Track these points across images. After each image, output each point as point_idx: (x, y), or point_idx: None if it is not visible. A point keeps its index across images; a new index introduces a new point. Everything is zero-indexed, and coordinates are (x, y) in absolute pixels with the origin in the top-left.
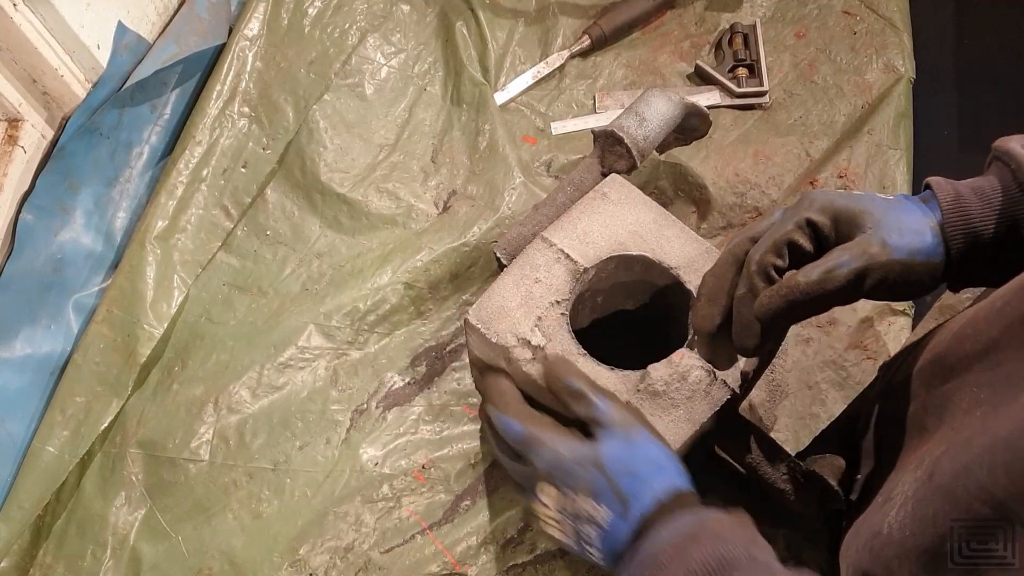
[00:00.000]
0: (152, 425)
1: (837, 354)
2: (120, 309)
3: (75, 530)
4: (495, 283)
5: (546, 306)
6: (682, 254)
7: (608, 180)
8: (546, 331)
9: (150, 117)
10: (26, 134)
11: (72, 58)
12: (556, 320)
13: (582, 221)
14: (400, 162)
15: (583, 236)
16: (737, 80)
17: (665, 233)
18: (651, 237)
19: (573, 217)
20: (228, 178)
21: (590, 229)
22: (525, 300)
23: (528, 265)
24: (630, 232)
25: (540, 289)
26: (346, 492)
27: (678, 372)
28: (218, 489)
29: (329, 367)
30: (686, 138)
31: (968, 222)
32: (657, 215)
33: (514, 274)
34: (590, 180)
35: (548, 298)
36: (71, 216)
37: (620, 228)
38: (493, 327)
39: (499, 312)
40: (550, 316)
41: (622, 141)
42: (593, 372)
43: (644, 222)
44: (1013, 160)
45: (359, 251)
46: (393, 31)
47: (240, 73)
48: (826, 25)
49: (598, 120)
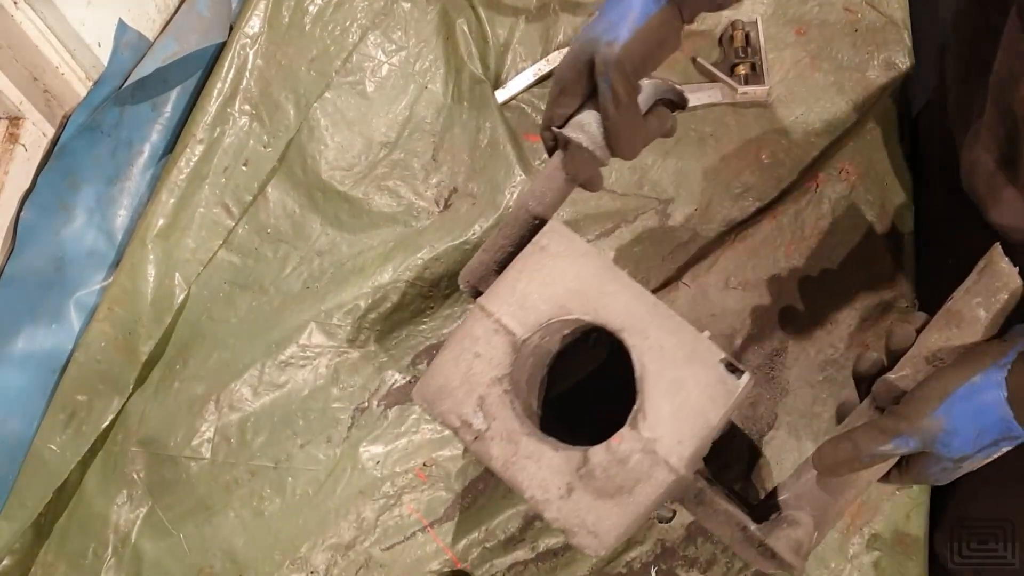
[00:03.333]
0: (154, 423)
1: (839, 353)
2: (121, 307)
3: (77, 528)
4: (436, 359)
5: (487, 383)
6: (626, 313)
7: (547, 230)
8: (489, 411)
9: (151, 115)
10: (27, 132)
11: (73, 56)
12: (499, 398)
13: (520, 282)
14: (401, 160)
15: (521, 300)
16: (738, 78)
17: (608, 289)
18: (593, 295)
19: (511, 278)
20: (229, 176)
21: (529, 291)
22: (466, 378)
23: (467, 338)
24: (571, 291)
25: (480, 365)
26: (347, 490)
27: (616, 458)
28: (219, 487)
29: (330, 365)
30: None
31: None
32: (599, 268)
33: (453, 349)
34: (554, 191)
35: (489, 374)
36: (72, 214)
37: (560, 287)
38: (436, 408)
39: (441, 392)
40: (493, 394)
41: (581, 144)
42: (536, 451)
43: (585, 277)
44: None
45: (360, 249)
46: (394, 28)
47: (241, 71)
48: (827, 22)
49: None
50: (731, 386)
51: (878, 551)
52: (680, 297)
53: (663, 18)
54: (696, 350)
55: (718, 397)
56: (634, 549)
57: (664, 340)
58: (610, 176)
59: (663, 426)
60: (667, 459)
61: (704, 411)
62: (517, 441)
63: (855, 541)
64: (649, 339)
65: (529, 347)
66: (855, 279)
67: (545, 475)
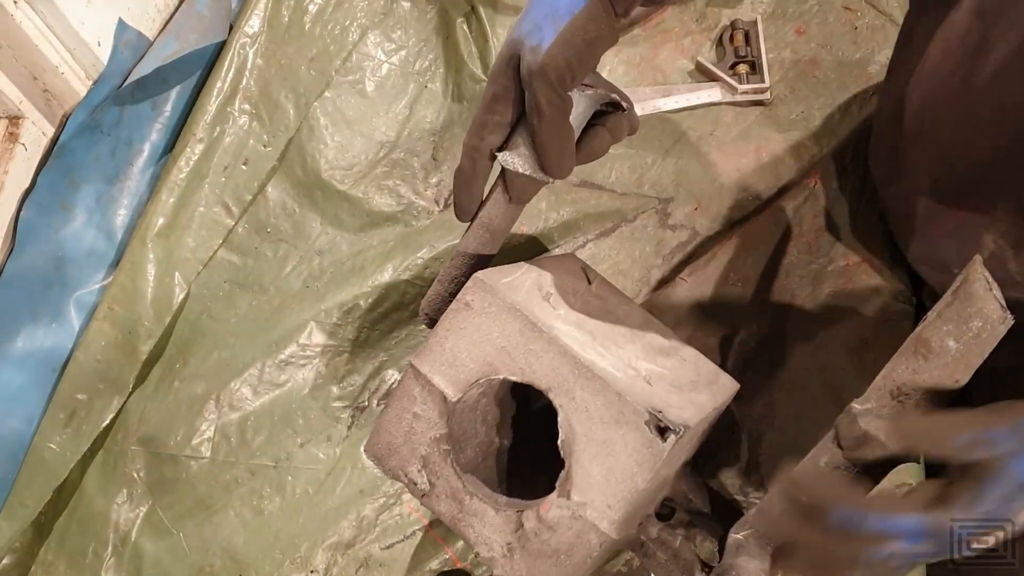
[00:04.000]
0: (153, 422)
1: (838, 350)
2: (121, 306)
3: (77, 527)
4: (381, 416)
5: (428, 442)
6: (552, 372)
7: (470, 285)
8: (432, 469)
9: (151, 114)
10: (27, 131)
11: (73, 55)
12: (440, 456)
13: (449, 341)
14: (401, 159)
15: (451, 359)
16: (738, 77)
17: (532, 347)
18: (519, 353)
19: (440, 337)
20: (229, 175)
21: (457, 349)
22: (408, 436)
23: (406, 397)
24: (498, 348)
25: (420, 424)
26: (348, 489)
27: (545, 524)
28: (219, 486)
29: (330, 364)
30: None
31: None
32: (522, 326)
33: (395, 407)
34: (500, 216)
35: (428, 433)
36: (72, 214)
37: (487, 345)
38: (385, 465)
39: (388, 449)
40: (434, 453)
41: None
42: (480, 510)
43: (510, 334)
44: None
45: (360, 248)
46: (394, 28)
47: (241, 70)
48: (827, 21)
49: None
50: (657, 449)
51: None
52: (680, 294)
53: (591, 13)
54: (622, 412)
55: (644, 461)
56: None
57: (589, 401)
58: (610, 175)
59: (593, 490)
60: (597, 524)
61: (632, 475)
62: (461, 500)
63: None
64: (575, 400)
65: (469, 401)
66: (855, 277)
67: (489, 534)
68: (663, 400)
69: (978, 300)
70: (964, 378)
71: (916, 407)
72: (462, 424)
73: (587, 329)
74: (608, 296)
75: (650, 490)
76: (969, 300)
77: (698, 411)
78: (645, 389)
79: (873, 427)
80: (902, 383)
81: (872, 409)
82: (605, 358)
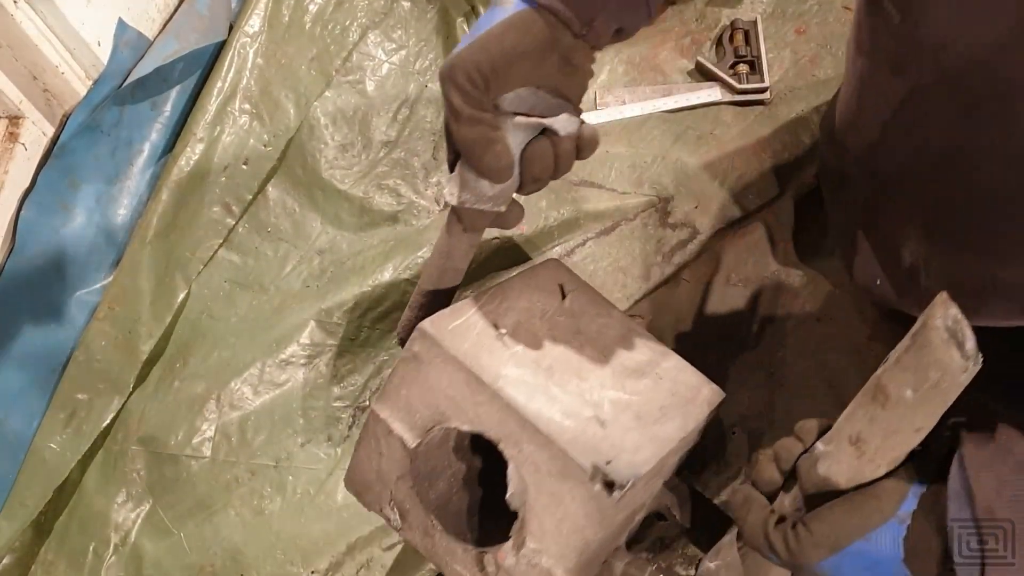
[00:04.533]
0: (154, 422)
1: (839, 350)
2: (121, 306)
3: (77, 527)
4: (354, 452)
5: (395, 481)
6: (500, 425)
7: (416, 335)
8: (402, 506)
9: (151, 114)
10: (27, 131)
11: (73, 55)
12: (407, 494)
13: (403, 388)
14: (401, 159)
15: (406, 406)
16: (738, 76)
17: (479, 399)
18: (467, 405)
19: (396, 383)
20: (229, 175)
21: (411, 396)
22: (378, 475)
23: (372, 438)
24: (447, 398)
25: (386, 463)
26: None
27: (504, 570)
28: (220, 486)
29: (330, 364)
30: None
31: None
32: (466, 377)
33: (364, 446)
34: (456, 244)
35: (394, 472)
36: (72, 213)
37: (438, 393)
38: (363, 499)
39: (363, 486)
40: (401, 490)
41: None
42: (449, 549)
43: (457, 386)
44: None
45: (360, 248)
46: (394, 28)
47: (241, 70)
48: (826, 21)
49: (598, 116)
50: (604, 504)
51: None
52: (680, 294)
53: (513, 23)
54: (566, 467)
55: (592, 514)
56: (632, 548)
57: (536, 454)
58: (610, 174)
59: (547, 538)
60: (552, 571)
61: (581, 528)
62: (432, 536)
63: None
64: (523, 452)
65: (435, 439)
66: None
67: (460, 569)
68: (616, 444)
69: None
70: (927, 425)
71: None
72: (430, 460)
73: (544, 365)
74: (584, 310)
75: (606, 536)
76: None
77: (659, 447)
78: (596, 435)
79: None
80: (859, 430)
81: (831, 452)
82: (557, 401)
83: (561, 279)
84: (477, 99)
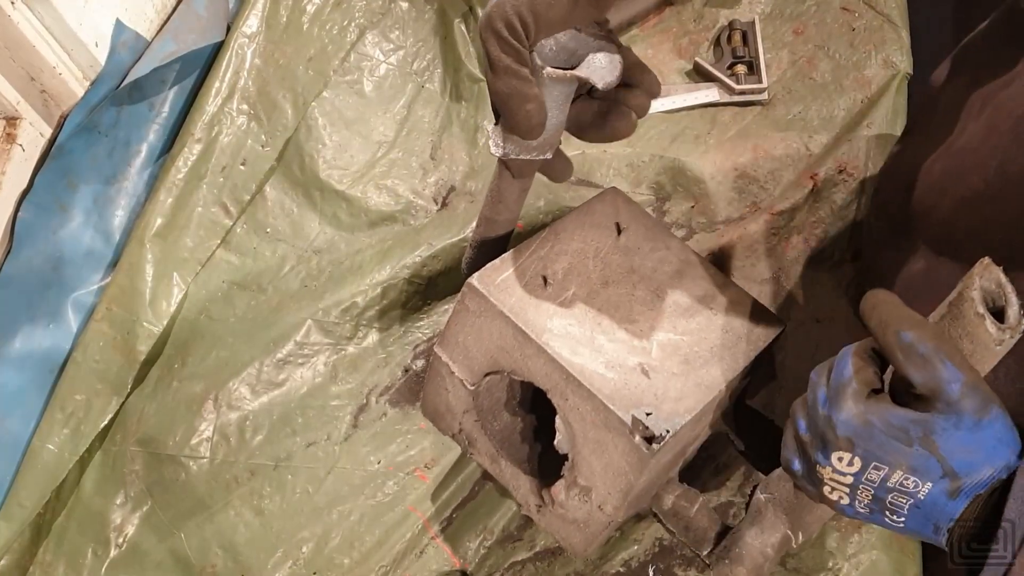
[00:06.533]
0: (152, 423)
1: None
2: (119, 307)
3: (75, 528)
4: (424, 386)
5: (460, 414)
6: (547, 376)
7: (465, 290)
8: (469, 435)
9: (148, 115)
10: (24, 132)
11: (70, 56)
12: (473, 425)
13: (460, 335)
14: (399, 159)
15: (465, 351)
16: (736, 77)
17: (526, 351)
18: (516, 354)
19: (454, 330)
20: (227, 175)
21: (468, 343)
22: (447, 407)
23: (437, 377)
24: (499, 348)
25: (452, 398)
26: (348, 488)
27: (559, 502)
28: (219, 486)
29: (329, 363)
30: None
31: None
32: (514, 331)
33: (432, 383)
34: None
35: (461, 407)
36: (70, 214)
37: (491, 343)
38: (438, 425)
39: (435, 414)
40: (468, 421)
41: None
42: (514, 473)
43: (506, 338)
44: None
45: (358, 247)
46: (392, 28)
47: (239, 70)
48: (824, 21)
49: None
50: (644, 455)
51: (877, 550)
52: None
53: None
54: (608, 419)
55: (634, 464)
56: (632, 548)
57: (580, 405)
58: (608, 174)
59: (596, 477)
60: (602, 506)
61: (625, 473)
62: (499, 462)
63: (854, 540)
64: (569, 401)
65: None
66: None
67: (524, 492)
68: (660, 394)
69: (968, 323)
70: None
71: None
72: (492, 394)
73: (593, 311)
74: (640, 245)
75: (651, 478)
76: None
77: (704, 394)
78: (639, 386)
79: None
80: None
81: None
82: (602, 352)
83: (618, 213)
84: (516, 49)
